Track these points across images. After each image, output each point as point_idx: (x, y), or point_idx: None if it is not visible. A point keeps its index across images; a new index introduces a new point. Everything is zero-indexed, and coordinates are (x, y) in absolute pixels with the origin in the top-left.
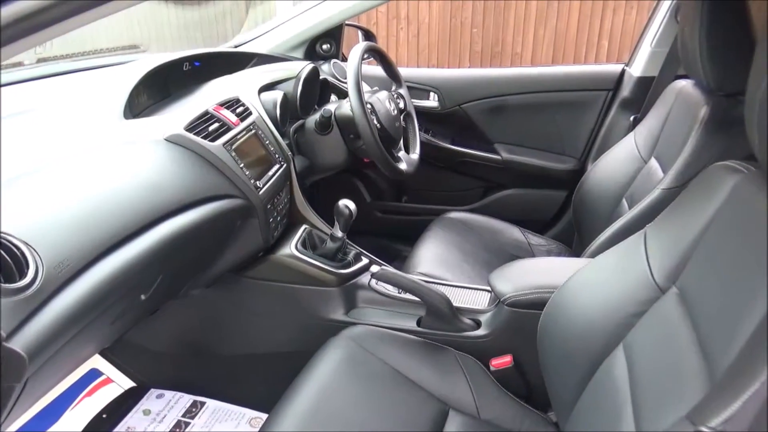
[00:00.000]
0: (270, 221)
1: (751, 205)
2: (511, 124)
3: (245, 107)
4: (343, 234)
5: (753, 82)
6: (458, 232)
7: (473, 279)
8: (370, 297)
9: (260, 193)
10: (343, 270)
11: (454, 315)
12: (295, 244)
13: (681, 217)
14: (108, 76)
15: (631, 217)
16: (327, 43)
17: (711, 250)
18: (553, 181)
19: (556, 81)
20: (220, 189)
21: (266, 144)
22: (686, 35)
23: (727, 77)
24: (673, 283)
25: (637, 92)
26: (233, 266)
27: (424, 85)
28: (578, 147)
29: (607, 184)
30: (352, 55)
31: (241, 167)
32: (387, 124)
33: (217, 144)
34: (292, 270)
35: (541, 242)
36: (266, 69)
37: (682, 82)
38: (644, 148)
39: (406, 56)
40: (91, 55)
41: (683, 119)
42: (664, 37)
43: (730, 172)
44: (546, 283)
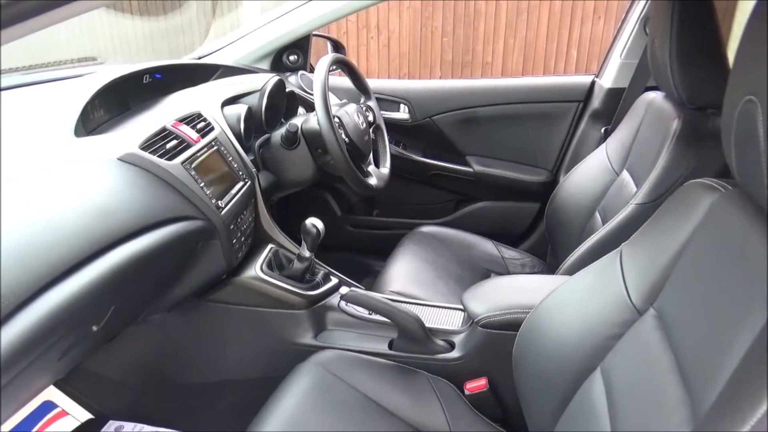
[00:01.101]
0: (233, 242)
1: (729, 225)
2: (483, 136)
3: (207, 122)
4: (310, 254)
5: (729, 102)
6: (431, 246)
7: (446, 296)
8: (340, 319)
9: (222, 213)
10: (311, 291)
11: (427, 337)
12: (260, 265)
13: (657, 237)
14: (60, 90)
15: (605, 233)
16: (294, 54)
17: (689, 271)
18: (526, 194)
19: (527, 92)
20: (179, 210)
21: (229, 161)
22: (656, 48)
23: (697, 91)
24: (651, 304)
25: (608, 104)
26: (195, 290)
27: (394, 96)
28: (550, 159)
29: (580, 196)
30: (319, 67)
31: (201, 186)
32: (356, 138)
33: (174, 163)
34: (257, 293)
35: (515, 256)
36: (230, 82)
37: (652, 94)
38: (616, 160)
39: (376, 65)
40: (45, 68)
41: (655, 132)
42: (633, 48)
43: (707, 190)
44: (520, 303)
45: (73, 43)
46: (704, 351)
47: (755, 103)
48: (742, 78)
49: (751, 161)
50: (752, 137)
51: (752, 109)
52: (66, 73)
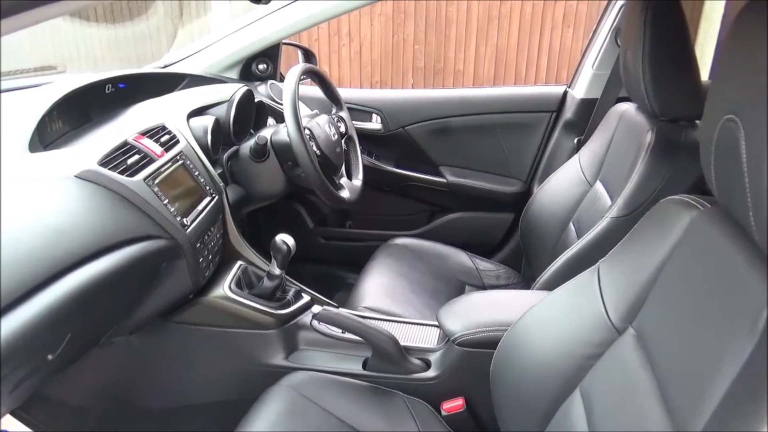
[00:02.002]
0: (200, 261)
1: (710, 244)
2: (456, 147)
3: (171, 135)
4: (281, 271)
5: (708, 120)
6: (404, 259)
7: (421, 311)
8: (313, 338)
9: (188, 232)
10: (281, 310)
11: (402, 356)
12: (228, 283)
13: (635, 254)
14: (15, 101)
15: (581, 247)
16: (263, 63)
17: (668, 291)
18: (500, 204)
19: (499, 102)
20: (141, 230)
21: (195, 175)
22: (629, 60)
23: (670, 103)
24: (630, 323)
25: (580, 114)
26: (159, 311)
27: (366, 106)
28: (524, 169)
29: (554, 207)
30: (289, 77)
31: (165, 204)
32: (327, 150)
33: (136, 179)
34: (225, 313)
35: (490, 267)
36: (197, 92)
37: (625, 106)
38: (589, 171)
39: (348, 72)
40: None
41: (628, 144)
42: (604, 59)
43: (685, 207)
44: (497, 320)
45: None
46: (688, 376)
47: (736, 122)
48: (722, 96)
49: (733, 181)
50: (733, 157)
51: (733, 128)
52: (22, 83)
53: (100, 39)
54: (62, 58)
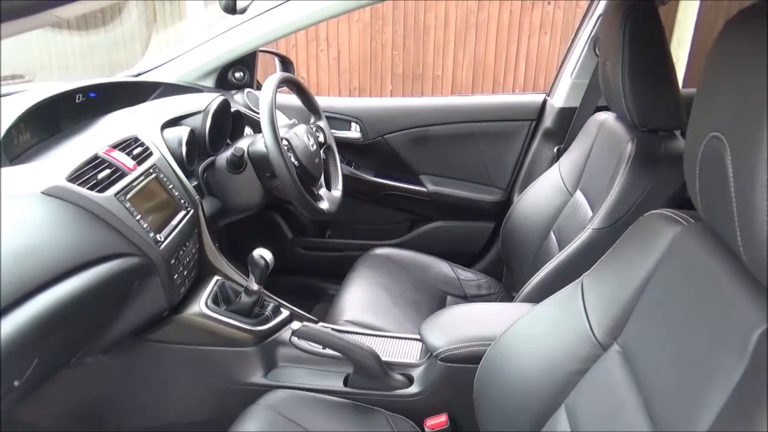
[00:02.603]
0: (174, 277)
1: (694, 262)
2: (436, 155)
3: (144, 147)
4: (258, 287)
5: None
6: (385, 270)
7: (403, 324)
8: (292, 355)
9: (161, 248)
10: (260, 327)
11: (384, 372)
12: (205, 300)
13: (618, 269)
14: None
15: (562, 259)
16: (240, 71)
17: (653, 307)
18: (480, 213)
19: (479, 111)
20: (112, 248)
21: (169, 189)
22: (608, 70)
23: (649, 114)
24: (615, 339)
25: (560, 123)
26: (133, 330)
27: (345, 115)
28: (504, 177)
29: (535, 217)
30: (265, 87)
31: (137, 220)
32: (305, 161)
33: (107, 195)
34: (202, 330)
35: (471, 277)
36: (171, 102)
37: (604, 115)
38: (569, 180)
39: (326, 78)
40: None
41: (608, 154)
42: (583, 68)
43: (668, 222)
44: (481, 335)
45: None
46: (676, 397)
47: (721, 140)
48: (706, 113)
49: (718, 199)
50: (719, 174)
51: (718, 146)
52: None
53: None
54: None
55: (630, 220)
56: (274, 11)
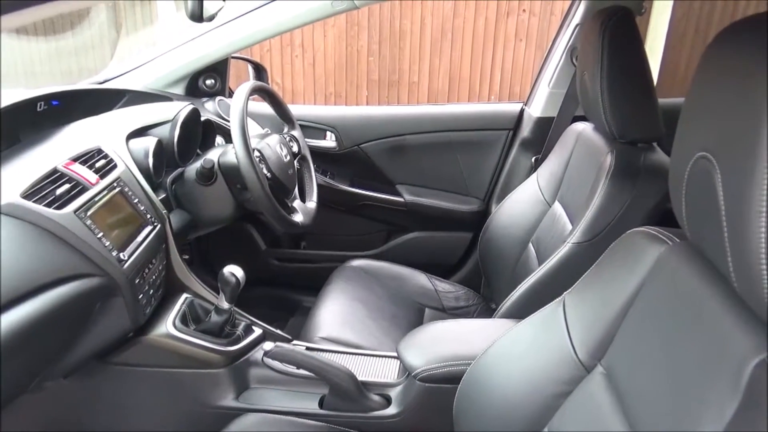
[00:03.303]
0: (139, 297)
1: (681, 283)
2: (413, 165)
3: (108, 159)
4: (229, 305)
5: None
6: (361, 283)
7: (380, 339)
8: (265, 375)
9: (125, 267)
10: (231, 347)
11: (361, 393)
12: (172, 319)
13: (601, 288)
14: None
15: (543, 273)
16: (211, 78)
17: (638, 329)
18: (458, 223)
19: (456, 120)
20: (71, 268)
21: (135, 203)
22: (586, 80)
23: (628, 125)
24: (598, 360)
25: (537, 133)
26: (95, 353)
27: (320, 124)
28: (482, 187)
29: (513, 228)
30: (237, 96)
31: (98, 237)
32: (278, 173)
33: (65, 212)
34: (169, 352)
35: (449, 288)
36: (137, 110)
37: (582, 125)
38: (547, 191)
39: (301, 85)
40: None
41: (587, 165)
42: (560, 78)
43: (652, 241)
44: (460, 354)
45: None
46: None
47: (710, 160)
48: (694, 131)
49: (707, 221)
50: (707, 195)
51: (707, 166)
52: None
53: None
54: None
55: (611, 233)
56: (247, 17)
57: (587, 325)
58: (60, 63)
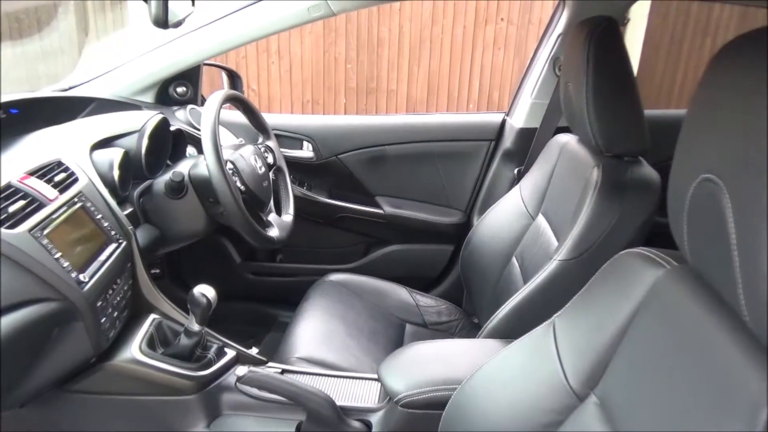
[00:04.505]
0: (102, 321)
1: (682, 311)
2: (393, 176)
3: (69, 173)
4: (200, 327)
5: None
6: (340, 298)
7: (359, 359)
8: (238, 401)
9: (85, 289)
10: (201, 371)
11: (340, 419)
12: (138, 343)
13: (593, 313)
14: None
15: (530, 291)
16: (182, 85)
17: (635, 358)
18: (439, 236)
19: (436, 130)
20: (25, 293)
21: (98, 219)
22: (571, 92)
23: (615, 139)
24: (592, 389)
25: (520, 144)
26: (54, 381)
27: (296, 133)
28: (463, 199)
29: (495, 241)
30: (208, 106)
31: (56, 258)
32: (252, 185)
33: (18, 231)
34: (135, 378)
35: (430, 303)
36: (102, 120)
37: (566, 137)
38: (531, 203)
39: (278, 91)
40: None
41: (571, 179)
42: (543, 88)
43: (647, 263)
44: (444, 378)
45: None
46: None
47: (716, 183)
48: (697, 152)
49: (711, 244)
50: (713, 219)
51: (713, 189)
52: None
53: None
54: None
55: (598, 250)
56: (220, 22)
57: (579, 351)
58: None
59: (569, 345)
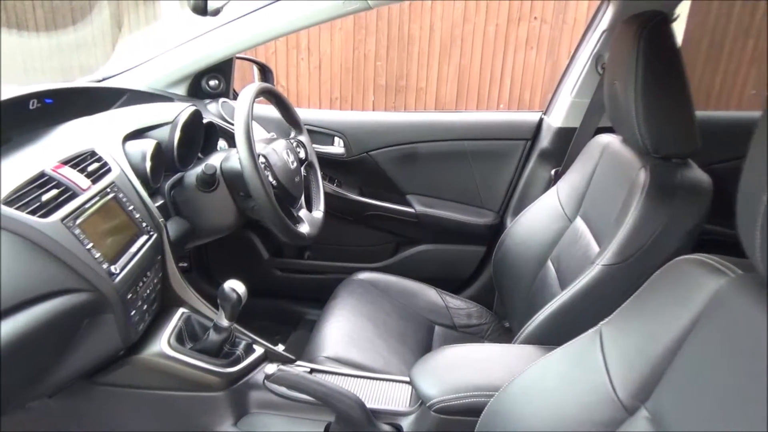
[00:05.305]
0: (131, 314)
1: (749, 323)
2: (425, 174)
3: (102, 162)
4: (229, 323)
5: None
6: (369, 297)
7: (388, 360)
8: (266, 400)
9: (116, 281)
10: (230, 368)
11: (369, 421)
12: (167, 338)
13: (645, 322)
14: None
15: (570, 297)
16: (215, 78)
17: (694, 371)
18: (471, 237)
19: (471, 128)
20: (56, 283)
21: (129, 210)
22: (617, 92)
23: (664, 139)
24: (642, 403)
25: (557, 144)
26: (83, 372)
27: (328, 129)
28: (496, 200)
29: (530, 243)
30: (242, 98)
31: (88, 249)
32: (284, 180)
33: (51, 220)
34: (163, 373)
35: (460, 305)
36: (136, 111)
37: (608, 137)
38: (569, 205)
39: (307, 88)
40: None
41: (615, 181)
42: (584, 87)
43: (708, 271)
44: (480, 384)
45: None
46: None
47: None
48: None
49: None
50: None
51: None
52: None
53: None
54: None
55: (645, 256)
56: (253, 15)
57: (629, 361)
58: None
59: (618, 354)
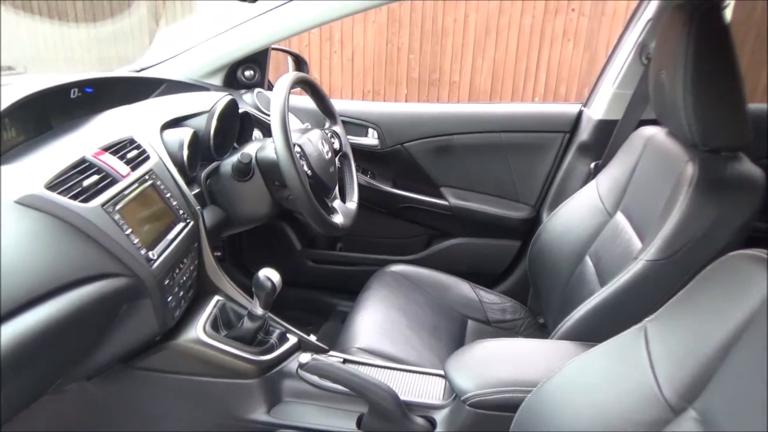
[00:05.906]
0: (168, 300)
1: None
2: (460, 167)
3: (141, 150)
4: (263, 311)
5: None
6: (401, 290)
7: (420, 353)
8: (299, 389)
9: (154, 267)
10: (263, 356)
11: (403, 414)
12: (203, 324)
13: (695, 319)
14: None
15: (611, 292)
16: (250, 69)
17: (746, 373)
18: (506, 231)
19: (508, 120)
20: (96, 267)
21: (167, 197)
22: (664, 82)
23: (713, 132)
24: (690, 403)
25: (598, 136)
26: (120, 356)
27: (362, 120)
28: (533, 193)
29: (568, 237)
30: (278, 88)
31: (126, 234)
32: (319, 170)
33: (92, 205)
34: (198, 359)
35: (494, 300)
36: (173, 100)
37: (652, 130)
38: (609, 199)
39: (339, 81)
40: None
41: (659, 174)
42: (627, 78)
43: (763, 267)
44: (516, 379)
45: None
46: None
47: None
48: None
49: None
50: None
51: None
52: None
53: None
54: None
55: (691, 252)
56: (289, 5)
57: (677, 360)
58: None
59: (665, 352)
